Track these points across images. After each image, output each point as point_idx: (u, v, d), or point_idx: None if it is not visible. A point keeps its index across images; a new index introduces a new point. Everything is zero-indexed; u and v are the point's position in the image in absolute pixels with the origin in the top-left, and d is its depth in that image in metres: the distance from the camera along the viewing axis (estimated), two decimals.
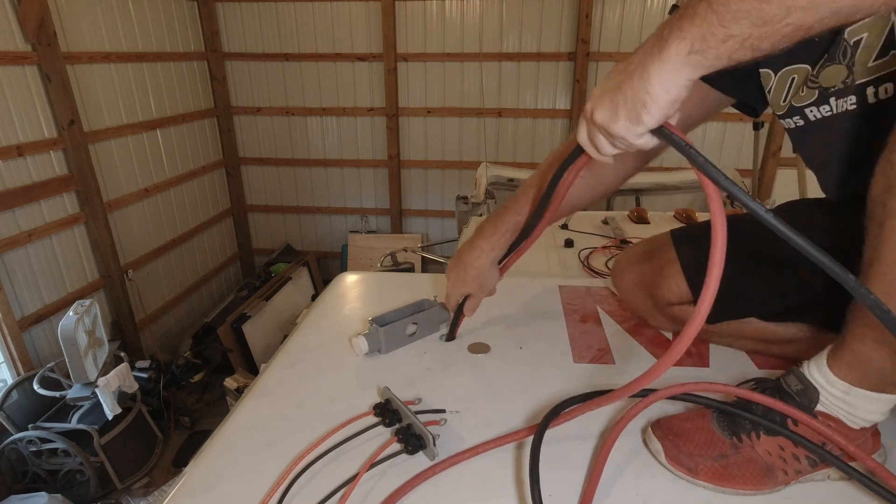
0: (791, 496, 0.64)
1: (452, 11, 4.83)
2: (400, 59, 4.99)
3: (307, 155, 5.44)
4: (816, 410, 0.64)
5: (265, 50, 5.08)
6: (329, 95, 5.20)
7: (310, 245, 5.82)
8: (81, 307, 2.93)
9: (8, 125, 3.09)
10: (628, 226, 2.21)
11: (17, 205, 3.15)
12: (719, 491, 0.65)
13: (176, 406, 3.71)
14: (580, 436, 0.74)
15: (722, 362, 0.92)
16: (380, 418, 0.77)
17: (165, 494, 0.68)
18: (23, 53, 3.15)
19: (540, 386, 0.86)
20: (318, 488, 0.66)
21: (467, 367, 0.93)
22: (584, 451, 0.72)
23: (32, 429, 2.92)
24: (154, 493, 3.00)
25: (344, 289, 1.28)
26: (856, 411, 0.63)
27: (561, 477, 0.67)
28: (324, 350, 0.99)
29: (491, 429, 0.76)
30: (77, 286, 3.62)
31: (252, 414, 0.82)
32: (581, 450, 0.72)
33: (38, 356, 3.30)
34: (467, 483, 0.67)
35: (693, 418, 0.71)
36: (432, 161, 5.35)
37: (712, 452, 0.66)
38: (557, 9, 4.72)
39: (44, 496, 2.71)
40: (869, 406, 0.63)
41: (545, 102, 5.02)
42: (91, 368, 2.95)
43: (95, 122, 3.76)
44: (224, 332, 4.18)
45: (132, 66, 4.10)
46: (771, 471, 0.64)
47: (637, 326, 1.05)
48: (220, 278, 5.44)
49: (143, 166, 4.27)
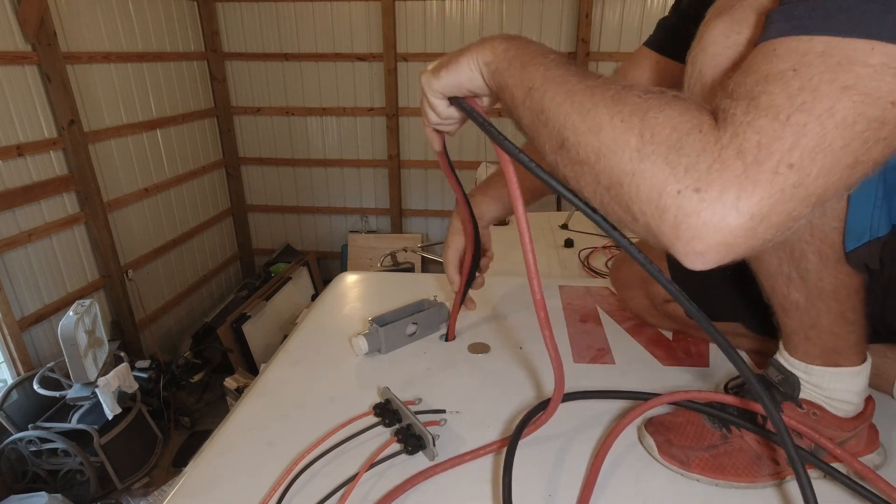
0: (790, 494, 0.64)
1: (452, 11, 4.83)
2: (400, 59, 4.99)
3: (307, 155, 5.44)
4: (801, 399, 0.65)
5: (265, 50, 5.08)
6: (329, 95, 5.20)
7: (310, 245, 5.82)
8: (81, 307, 2.93)
9: (8, 125, 3.10)
10: None
11: (17, 205, 3.15)
12: (713, 483, 0.65)
13: (176, 406, 3.71)
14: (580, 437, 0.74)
15: (722, 362, 0.92)
16: (380, 418, 0.77)
17: (165, 494, 0.68)
18: (23, 53, 3.15)
19: (540, 386, 0.86)
20: (318, 488, 0.66)
21: (467, 367, 0.93)
22: (584, 452, 0.72)
23: (32, 429, 2.92)
24: (154, 493, 3.00)
25: (344, 289, 1.28)
26: (829, 393, 0.64)
27: (561, 477, 0.67)
28: (324, 350, 0.99)
29: (491, 429, 0.76)
30: (77, 286, 3.62)
31: (252, 414, 0.82)
32: (581, 450, 0.72)
33: (38, 356, 3.30)
34: (467, 483, 0.67)
35: (684, 412, 0.72)
36: (432, 161, 5.35)
37: (703, 444, 0.67)
38: (557, 9, 4.72)
39: (44, 496, 2.71)
40: (835, 385, 0.64)
41: None
42: (91, 368, 2.95)
43: (95, 122, 3.76)
44: (224, 332, 4.18)
45: (132, 66, 4.10)
46: (761, 459, 0.65)
47: (637, 326, 1.05)
48: (220, 278, 5.44)
49: (143, 166, 4.27)
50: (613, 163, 0.44)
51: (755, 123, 0.38)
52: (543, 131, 0.50)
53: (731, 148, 0.39)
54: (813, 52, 0.38)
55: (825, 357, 0.63)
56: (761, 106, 0.39)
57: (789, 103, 0.38)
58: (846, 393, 0.64)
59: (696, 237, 0.40)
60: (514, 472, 0.64)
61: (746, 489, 0.65)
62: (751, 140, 0.38)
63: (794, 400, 0.65)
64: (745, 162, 0.38)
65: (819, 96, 0.37)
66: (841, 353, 0.63)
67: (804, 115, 0.37)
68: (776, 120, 0.38)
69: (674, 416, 0.72)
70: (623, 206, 0.44)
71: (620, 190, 0.43)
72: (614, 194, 0.44)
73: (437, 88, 0.64)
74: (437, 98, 0.66)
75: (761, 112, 0.38)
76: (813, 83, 0.37)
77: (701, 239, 0.40)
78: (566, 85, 0.49)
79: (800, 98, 0.37)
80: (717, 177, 0.38)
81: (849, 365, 0.63)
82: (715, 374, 0.89)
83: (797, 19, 0.39)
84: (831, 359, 0.63)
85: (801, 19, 0.39)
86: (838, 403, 0.64)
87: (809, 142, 0.37)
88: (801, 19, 0.39)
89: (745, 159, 0.38)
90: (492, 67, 0.58)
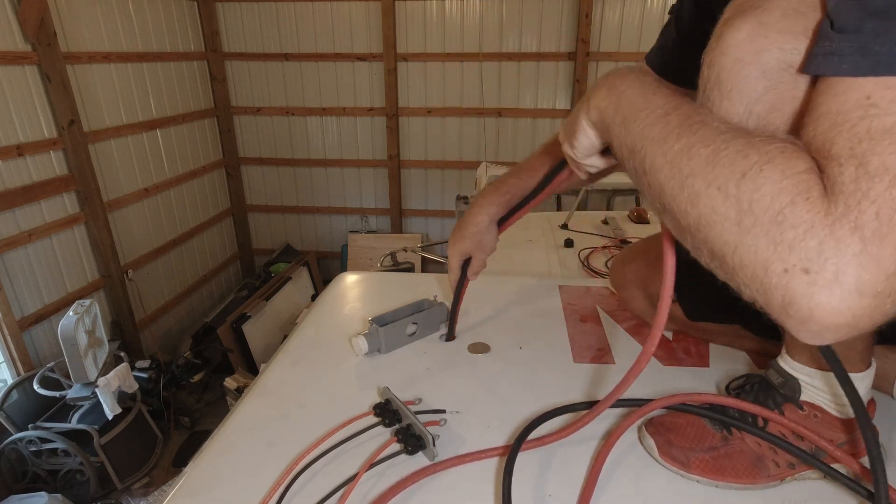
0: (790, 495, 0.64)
1: (452, 11, 4.83)
2: (400, 59, 4.99)
3: (307, 155, 5.44)
4: (802, 401, 0.65)
5: (265, 50, 5.08)
6: (329, 95, 5.20)
7: (310, 245, 5.82)
8: (81, 307, 2.93)
9: (8, 125, 3.10)
10: (628, 226, 2.21)
11: (17, 205, 3.15)
12: (713, 485, 0.65)
13: (176, 406, 3.71)
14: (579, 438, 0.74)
15: (722, 362, 0.92)
16: (380, 418, 0.77)
17: (165, 494, 0.68)
18: (23, 53, 3.15)
19: (540, 386, 0.86)
20: (318, 488, 0.66)
21: (467, 367, 0.93)
22: (584, 452, 0.72)
23: (32, 429, 2.92)
24: (154, 493, 3.00)
25: (344, 289, 1.28)
26: (831, 397, 0.64)
27: (561, 477, 0.67)
28: (324, 350, 0.99)
29: (491, 429, 0.76)
30: (77, 286, 3.62)
31: (252, 414, 0.82)
32: (581, 451, 0.72)
33: (38, 356, 3.30)
34: (467, 483, 0.67)
35: (685, 413, 0.72)
36: (432, 161, 5.35)
37: (703, 445, 0.67)
38: (557, 9, 4.72)
39: (44, 496, 2.71)
40: (838, 389, 0.63)
41: (545, 102, 5.02)
42: (91, 368, 2.95)
43: (95, 122, 3.76)
44: (224, 332, 4.18)
45: (132, 66, 4.10)
46: (762, 461, 0.65)
47: (637, 326, 1.05)
48: (220, 278, 5.44)
49: (143, 166, 4.27)
50: (714, 235, 0.40)
51: (870, 193, 0.34)
52: (648, 193, 0.48)
53: (844, 222, 0.34)
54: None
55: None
56: (872, 170, 0.34)
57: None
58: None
59: (811, 319, 0.36)
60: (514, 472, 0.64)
61: (746, 490, 0.64)
62: (867, 212, 0.34)
63: (795, 402, 0.65)
64: (864, 238, 0.34)
65: None
66: (847, 360, 0.62)
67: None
68: (893, 186, 0.33)
69: (674, 417, 0.72)
70: (729, 275, 0.41)
71: (724, 261, 0.40)
72: (719, 264, 0.42)
73: (580, 157, 0.64)
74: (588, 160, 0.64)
75: (875, 178, 0.34)
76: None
77: (816, 321, 0.36)
78: (664, 146, 0.45)
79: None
80: (832, 256, 0.34)
81: (853, 371, 0.62)
82: (715, 375, 0.89)
83: (877, 55, 0.34)
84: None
85: (883, 55, 0.34)
86: (840, 406, 0.64)
87: None
88: (883, 55, 0.34)
89: (862, 234, 0.34)
90: (599, 127, 0.56)
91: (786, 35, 0.42)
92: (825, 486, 0.65)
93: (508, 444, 0.72)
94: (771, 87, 0.44)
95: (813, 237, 0.35)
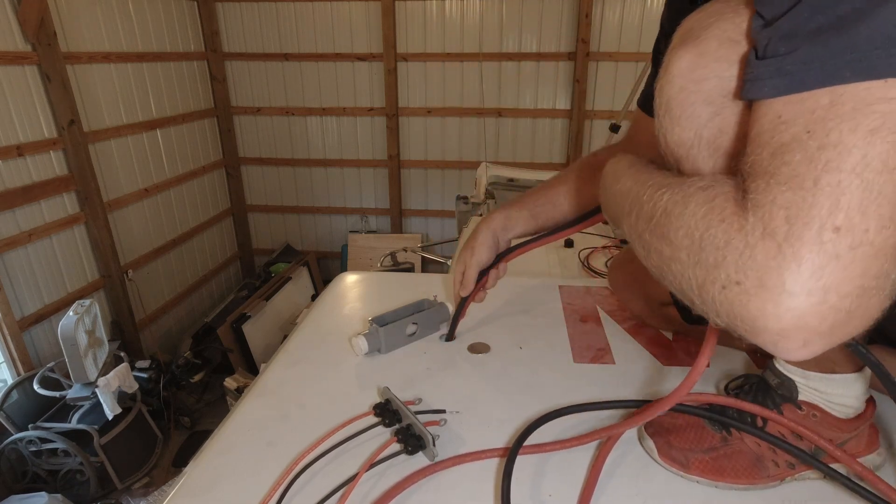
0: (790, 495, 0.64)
1: (452, 11, 4.83)
2: (400, 59, 4.99)
3: (307, 155, 5.44)
4: (801, 401, 0.65)
5: (265, 50, 5.09)
6: (329, 95, 5.20)
7: (310, 245, 5.82)
8: (81, 307, 2.93)
9: (8, 125, 3.10)
10: None
11: (17, 205, 3.16)
12: (712, 485, 0.65)
13: (176, 406, 3.71)
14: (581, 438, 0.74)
15: (722, 362, 0.92)
16: (380, 418, 0.77)
17: (165, 494, 0.68)
18: (23, 53, 3.16)
19: (540, 386, 0.86)
20: (318, 488, 0.66)
21: (467, 367, 0.93)
22: (584, 453, 0.72)
23: (32, 429, 2.93)
24: (154, 493, 3.00)
25: (344, 289, 1.28)
26: (828, 397, 0.64)
27: (560, 477, 0.67)
28: (324, 350, 0.99)
29: (491, 429, 0.76)
30: (77, 286, 3.62)
31: (252, 414, 0.82)
32: (581, 451, 0.72)
33: (38, 356, 3.31)
34: (467, 483, 0.67)
35: (684, 414, 0.72)
36: (432, 161, 5.35)
37: (703, 446, 0.67)
38: (557, 9, 4.72)
39: (44, 496, 2.71)
40: (833, 389, 0.63)
41: (545, 102, 5.03)
42: (91, 368, 2.96)
43: (95, 122, 3.77)
44: (224, 332, 4.18)
45: (132, 66, 4.11)
46: (761, 461, 0.65)
47: (637, 326, 1.05)
48: (220, 278, 5.44)
49: (143, 166, 4.27)
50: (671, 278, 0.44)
51: (779, 199, 0.36)
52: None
53: (756, 231, 0.36)
54: (820, 107, 0.35)
55: (821, 364, 0.63)
56: (782, 179, 0.36)
57: (812, 168, 0.35)
58: (845, 397, 0.64)
59: (764, 329, 0.37)
60: (514, 473, 0.64)
61: (746, 491, 0.65)
62: (777, 218, 0.35)
63: (794, 401, 0.65)
64: (778, 241, 0.35)
65: (844, 149, 0.34)
66: (837, 361, 0.63)
67: (834, 174, 0.34)
68: (801, 188, 0.35)
69: (674, 417, 0.72)
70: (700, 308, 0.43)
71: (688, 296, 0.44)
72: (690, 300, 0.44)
73: None
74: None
75: (783, 186, 0.36)
76: (832, 138, 0.34)
77: (769, 330, 0.37)
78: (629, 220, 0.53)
79: (822, 158, 0.34)
80: (752, 264, 0.36)
81: (845, 372, 0.63)
82: (715, 375, 0.89)
83: (790, 75, 0.36)
84: (828, 366, 0.63)
85: (796, 74, 0.36)
86: (837, 406, 0.64)
87: (852, 198, 0.34)
88: (796, 74, 0.36)
89: (775, 239, 0.35)
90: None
91: (723, 63, 0.44)
92: (825, 486, 0.65)
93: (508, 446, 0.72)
94: (716, 112, 0.46)
95: (731, 252, 0.38)
